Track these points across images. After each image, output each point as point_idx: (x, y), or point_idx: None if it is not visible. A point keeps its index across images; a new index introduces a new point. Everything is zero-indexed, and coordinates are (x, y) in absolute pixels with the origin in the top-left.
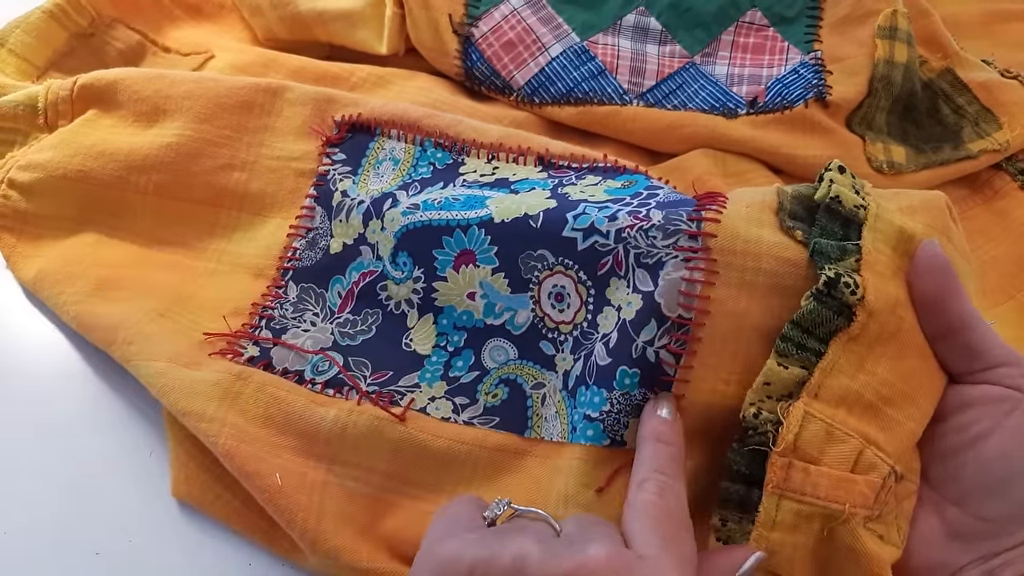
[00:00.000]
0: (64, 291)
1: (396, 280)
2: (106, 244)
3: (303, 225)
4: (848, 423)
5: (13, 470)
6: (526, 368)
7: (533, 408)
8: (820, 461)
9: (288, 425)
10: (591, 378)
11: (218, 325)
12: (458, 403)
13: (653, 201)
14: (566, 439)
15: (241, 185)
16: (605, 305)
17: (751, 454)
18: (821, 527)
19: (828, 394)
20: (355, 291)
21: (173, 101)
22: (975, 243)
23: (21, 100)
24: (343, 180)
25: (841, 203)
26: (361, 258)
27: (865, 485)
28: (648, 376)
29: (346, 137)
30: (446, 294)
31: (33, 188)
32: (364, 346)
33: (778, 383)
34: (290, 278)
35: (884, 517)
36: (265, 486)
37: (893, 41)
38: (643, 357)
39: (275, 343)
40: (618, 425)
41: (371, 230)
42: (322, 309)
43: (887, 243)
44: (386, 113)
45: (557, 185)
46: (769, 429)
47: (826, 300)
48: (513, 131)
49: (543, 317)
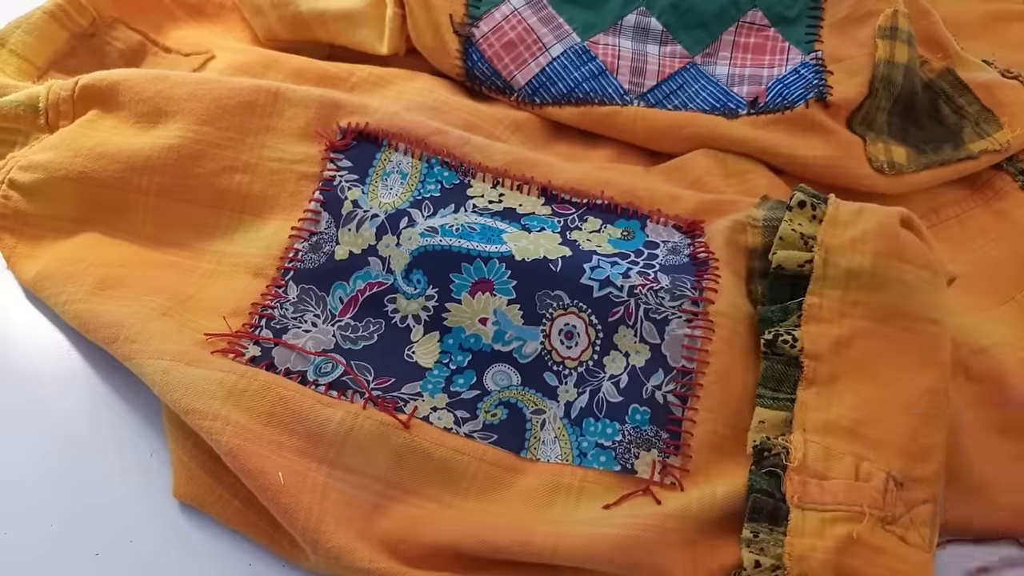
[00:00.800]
0: (65, 290)
1: (408, 295)
2: (107, 244)
3: (306, 228)
4: (839, 445)
5: (13, 470)
6: (527, 394)
7: (532, 431)
8: (828, 476)
9: (293, 425)
10: (601, 412)
11: (218, 325)
12: (459, 415)
13: (656, 263)
14: (570, 462)
15: (243, 187)
16: (612, 349)
17: (768, 476)
18: (846, 532)
19: (813, 427)
20: (359, 299)
21: (175, 102)
22: (975, 243)
23: (22, 100)
24: (352, 189)
25: (784, 270)
26: (368, 268)
27: (871, 489)
28: (657, 416)
29: (351, 144)
30: (457, 315)
31: (34, 189)
32: (366, 351)
33: (770, 422)
34: (291, 278)
35: (899, 520)
36: (267, 485)
37: (894, 41)
38: (652, 399)
39: (276, 343)
40: (629, 454)
41: (384, 244)
42: (323, 311)
43: (836, 286)
44: (394, 126)
45: (564, 228)
46: (780, 450)
47: (773, 357)
48: (517, 155)
49: (551, 351)
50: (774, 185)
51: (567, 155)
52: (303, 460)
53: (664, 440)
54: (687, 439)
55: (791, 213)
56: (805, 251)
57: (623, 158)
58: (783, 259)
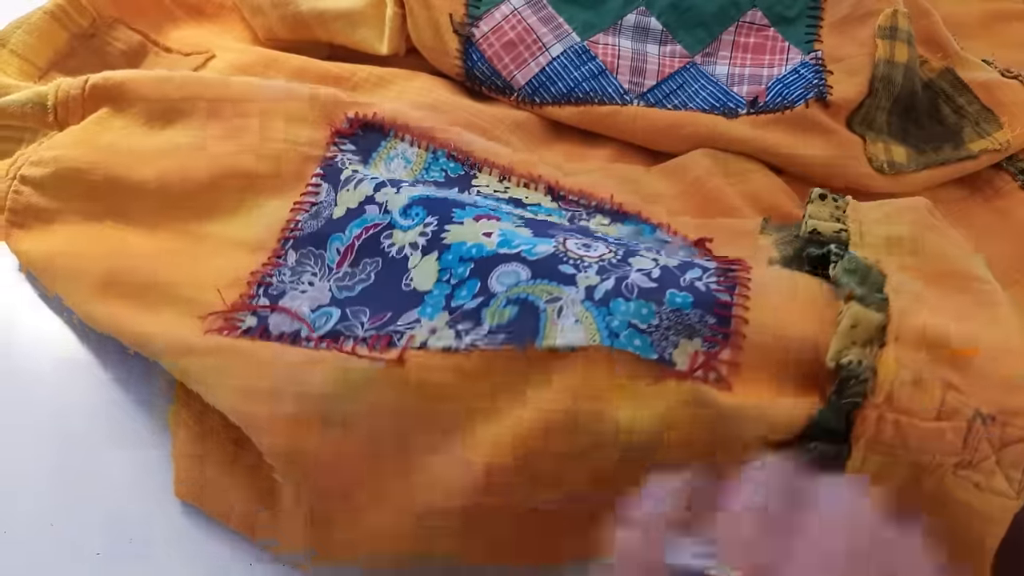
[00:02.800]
0: (76, 290)
1: (404, 227)
2: (112, 236)
3: (308, 200)
4: (930, 367)
5: (13, 470)
6: (540, 286)
7: (547, 320)
8: (909, 411)
9: (279, 391)
10: (632, 293)
11: (214, 299)
12: (460, 329)
13: (667, 251)
14: (598, 342)
15: (244, 168)
16: (637, 255)
17: (844, 407)
18: (908, 475)
19: (907, 336)
20: (355, 244)
21: (185, 103)
22: (975, 243)
23: (30, 98)
24: (353, 164)
25: (820, 234)
26: (365, 215)
27: (952, 432)
28: (702, 301)
29: (357, 132)
30: (458, 234)
31: (45, 183)
32: (362, 294)
33: (863, 326)
34: (290, 246)
35: (980, 465)
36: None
37: (893, 41)
38: (693, 287)
39: (273, 309)
40: (666, 342)
41: (382, 193)
42: (320, 268)
43: (878, 252)
44: (400, 116)
45: (572, 217)
46: (869, 376)
47: (848, 254)
48: (525, 157)
49: (566, 251)
50: (774, 185)
51: (567, 155)
52: (299, 429)
53: (711, 327)
54: (739, 326)
55: (813, 204)
56: (839, 224)
57: (623, 158)
58: (819, 224)
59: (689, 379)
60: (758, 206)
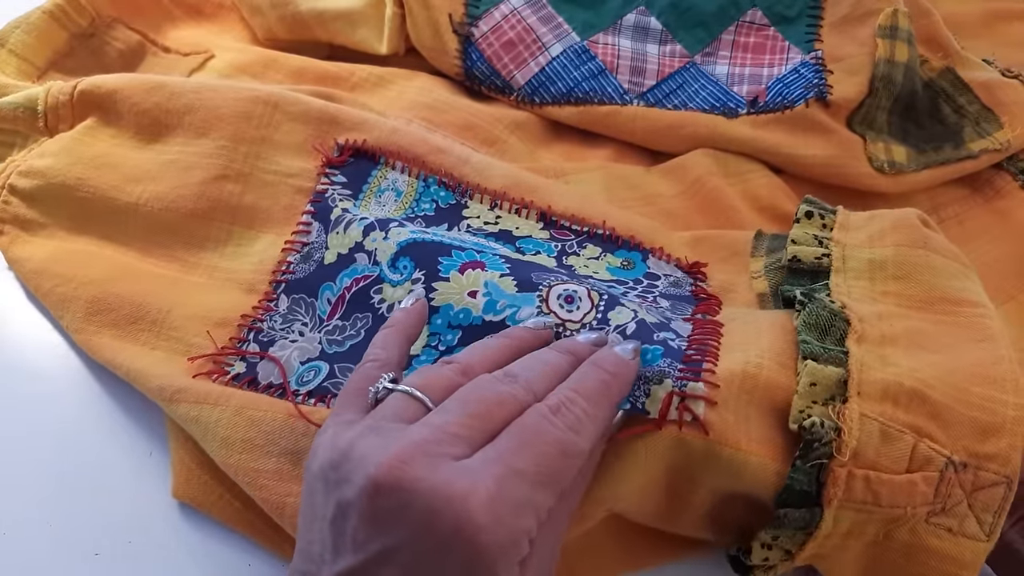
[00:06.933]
0: (63, 315)
1: (393, 283)
2: (98, 256)
3: (299, 240)
4: (898, 416)
5: (13, 470)
6: None
7: None
8: (878, 465)
9: (268, 447)
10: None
11: (203, 339)
12: None
13: (655, 292)
14: None
15: (234, 197)
16: (618, 306)
17: (812, 469)
18: (877, 530)
19: (870, 390)
20: (346, 296)
21: (173, 115)
22: (975, 243)
23: (21, 102)
24: (344, 200)
25: (800, 262)
26: (355, 264)
27: (924, 482)
28: (671, 352)
29: (348, 161)
30: (445, 293)
31: (33, 195)
32: (352, 351)
33: (823, 384)
34: (282, 291)
35: (953, 510)
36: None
37: (894, 40)
38: (665, 343)
39: (262, 356)
40: (639, 392)
41: (371, 239)
42: (311, 318)
43: (860, 277)
44: (392, 144)
45: (561, 253)
46: (832, 437)
47: (814, 302)
48: (518, 178)
49: (548, 314)
50: (774, 185)
51: (567, 155)
52: (282, 484)
53: (679, 369)
54: (710, 361)
55: (799, 224)
56: (821, 248)
57: (623, 158)
58: (799, 251)
59: (665, 425)
60: (758, 206)
